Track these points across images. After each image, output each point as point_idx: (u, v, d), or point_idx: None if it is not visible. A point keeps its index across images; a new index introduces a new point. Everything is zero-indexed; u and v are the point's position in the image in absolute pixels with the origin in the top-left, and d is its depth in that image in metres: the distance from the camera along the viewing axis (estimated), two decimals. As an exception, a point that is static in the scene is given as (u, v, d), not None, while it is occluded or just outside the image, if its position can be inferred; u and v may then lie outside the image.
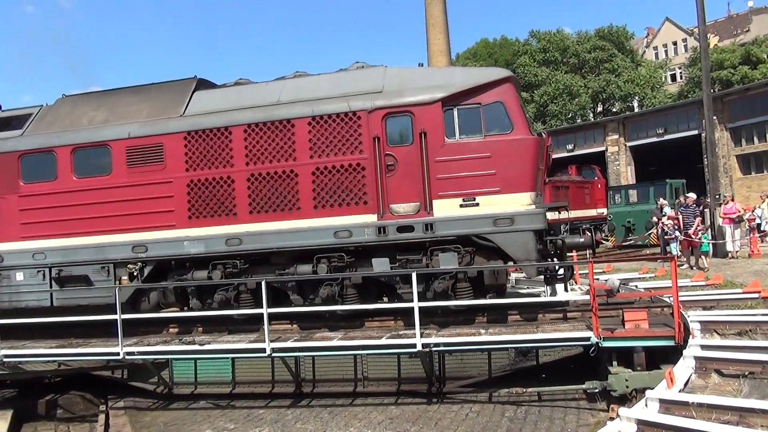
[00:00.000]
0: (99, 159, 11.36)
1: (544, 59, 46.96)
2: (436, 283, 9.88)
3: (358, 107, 10.24)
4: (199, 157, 10.87)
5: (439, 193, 9.96)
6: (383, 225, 10.10)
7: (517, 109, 9.92)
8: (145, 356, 10.55)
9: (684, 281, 12.14)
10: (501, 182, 9.78)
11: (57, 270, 11.56)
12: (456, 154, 9.91)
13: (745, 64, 43.43)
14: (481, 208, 9.83)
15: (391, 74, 10.59)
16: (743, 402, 4.94)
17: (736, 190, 29.71)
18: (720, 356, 6.45)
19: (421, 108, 10.02)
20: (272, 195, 10.57)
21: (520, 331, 9.29)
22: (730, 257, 17.00)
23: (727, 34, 61.42)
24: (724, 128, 30.81)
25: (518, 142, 9.78)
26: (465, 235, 9.88)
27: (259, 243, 10.61)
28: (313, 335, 10.36)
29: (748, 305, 9.24)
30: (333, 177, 10.32)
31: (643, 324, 8.70)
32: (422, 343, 9.15)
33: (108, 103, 12.00)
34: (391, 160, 10.13)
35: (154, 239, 11.05)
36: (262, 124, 10.61)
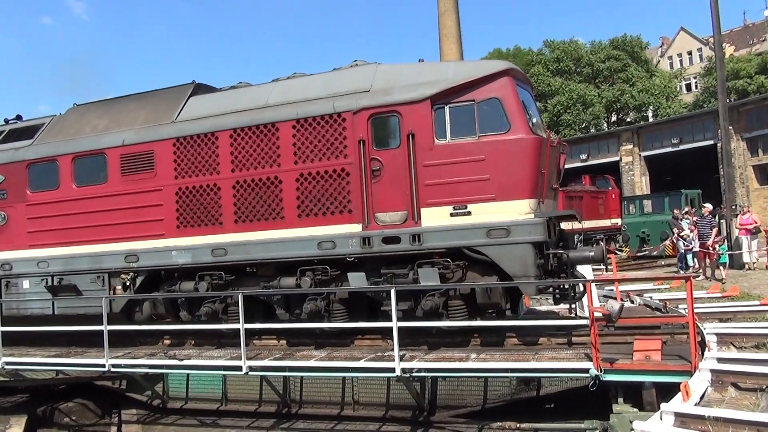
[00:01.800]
0: (96, 167, 11.26)
1: (557, 69, 46.56)
2: (424, 301, 8.91)
3: (342, 108, 9.48)
4: (188, 164, 10.50)
5: (428, 201, 8.99)
6: (368, 236, 9.25)
7: (516, 105, 8.78)
8: (129, 369, 10.23)
9: (700, 293, 11.68)
10: (495, 188, 8.68)
11: (58, 279, 11.57)
12: (446, 157, 8.91)
13: (761, 73, 42.74)
14: (474, 218, 8.77)
15: (381, 72, 9.76)
16: (761, 416, 4.72)
17: (752, 201, 28.83)
18: (737, 369, 6.19)
19: (409, 107, 9.11)
20: (257, 203, 10.01)
21: (513, 358, 8.15)
22: (747, 268, 16.60)
23: (743, 43, 60.43)
24: (740, 138, 30.09)
25: (515, 142, 8.64)
26: (455, 247, 8.86)
27: (244, 254, 10.06)
28: (296, 353, 9.67)
29: (765, 318, 8.80)
30: (317, 184, 9.60)
31: (655, 355, 7.37)
32: (402, 367, 8.23)
33: (111, 111, 11.94)
34: (377, 164, 9.27)
35: (145, 249, 10.79)
36: (248, 129, 10.07)
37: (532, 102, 9.82)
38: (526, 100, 9.35)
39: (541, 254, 8.61)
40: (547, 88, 45.09)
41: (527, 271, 8.50)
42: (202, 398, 11.07)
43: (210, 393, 11.02)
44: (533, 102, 9.88)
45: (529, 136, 8.65)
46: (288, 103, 10.00)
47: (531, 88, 10.02)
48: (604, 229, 27.46)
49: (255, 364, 9.19)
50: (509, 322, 8.61)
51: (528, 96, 9.63)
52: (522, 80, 9.51)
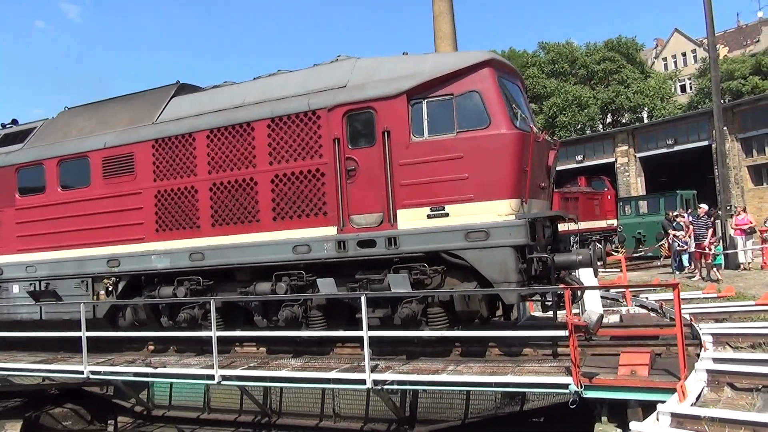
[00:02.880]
0: (80, 171, 11.10)
1: (552, 71, 46.45)
2: (401, 309, 8.38)
3: (317, 105, 9.03)
4: (166, 167, 10.23)
5: (404, 202, 8.46)
6: (343, 239, 8.78)
7: (497, 99, 8.18)
8: (106, 376, 10.01)
9: (696, 293, 11.76)
10: (474, 188, 8.09)
11: (45, 283, 11.46)
12: (423, 155, 8.37)
13: (755, 74, 42.82)
14: (451, 219, 8.20)
15: (360, 66, 9.27)
16: (757, 416, 4.71)
17: (747, 201, 29.07)
18: (733, 369, 6.12)
19: (384, 103, 8.60)
20: (233, 206, 9.65)
21: (491, 370, 7.56)
22: (743, 269, 16.53)
23: (736, 44, 60.70)
24: (734, 139, 30.21)
25: (494, 138, 8.04)
26: (433, 251, 8.31)
27: (221, 258, 9.72)
28: (272, 362, 9.26)
29: (760, 317, 8.74)
30: (292, 185, 9.18)
31: (642, 370, 6.68)
32: (374, 378, 7.73)
33: (97, 114, 11.79)
34: (352, 164, 8.79)
35: (126, 253, 10.57)
36: (224, 129, 9.73)
37: (520, 94, 9.18)
38: (511, 93, 8.73)
39: (523, 258, 7.98)
40: (542, 90, 45.08)
41: (508, 277, 7.89)
42: (185, 406, 10.81)
43: (193, 401, 10.73)
44: (521, 94, 9.24)
45: (510, 131, 8.03)
46: (264, 102, 9.62)
47: (518, 80, 9.37)
48: (599, 230, 27.39)
49: (228, 373, 8.83)
50: (484, 332, 7.98)
51: (515, 88, 9.00)
52: (506, 71, 8.89)
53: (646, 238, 24.83)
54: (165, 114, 10.67)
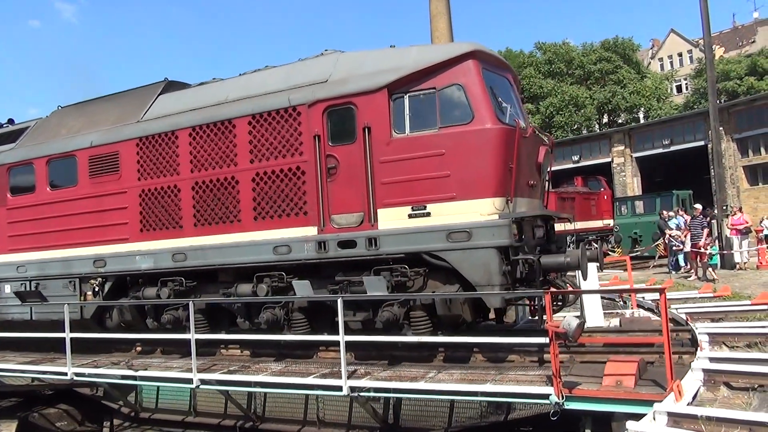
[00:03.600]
0: (68, 170, 10.99)
1: (549, 71, 46.26)
2: (381, 312, 8.04)
3: (298, 101, 8.73)
4: (150, 165, 10.04)
5: (385, 201, 8.11)
6: (323, 239, 8.47)
7: (480, 92, 7.78)
8: (89, 378, 9.86)
9: (692, 293, 11.78)
10: (456, 186, 7.71)
11: (35, 284, 11.38)
12: (405, 152, 8.00)
13: (751, 74, 42.93)
14: (433, 219, 7.83)
15: (343, 60, 8.95)
16: (753, 415, 4.73)
17: (743, 201, 29.03)
18: (729, 369, 6.10)
19: (365, 98, 8.26)
20: (214, 205, 9.41)
21: (470, 378, 7.19)
22: (738, 269, 16.65)
23: (732, 45, 60.80)
24: (730, 139, 30.36)
25: (476, 134, 7.64)
26: (414, 252, 7.94)
27: (202, 259, 9.49)
28: (252, 366, 9.00)
29: (756, 317, 8.77)
30: (273, 184, 8.90)
31: (628, 381, 6.25)
32: (351, 385, 7.42)
33: (87, 112, 11.67)
34: (333, 161, 8.47)
35: (111, 253, 10.41)
36: (206, 126, 9.49)
37: (510, 88, 8.75)
38: (498, 86, 8.32)
39: (507, 260, 7.57)
40: (539, 90, 45.09)
41: (491, 280, 7.49)
42: (172, 409, 10.61)
43: (180, 404, 10.53)
44: (511, 87, 8.80)
45: (493, 126, 7.63)
46: (246, 98, 9.36)
47: (508, 72, 8.93)
48: (596, 230, 27.40)
49: (206, 377, 8.59)
50: (461, 338, 7.56)
51: (503, 81, 8.59)
52: (493, 64, 8.47)
53: (642, 238, 24.74)
54: (150, 112, 10.48)
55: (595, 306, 10.26)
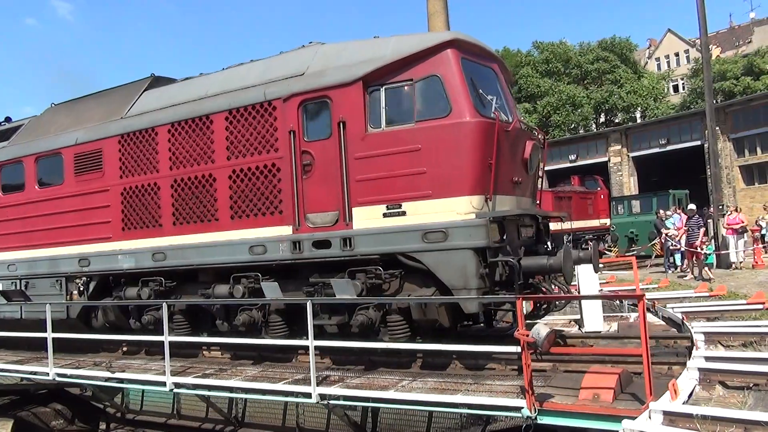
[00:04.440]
0: (55, 168, 10.89)
1: (546, 70, 46.39)
2: (356, 315, 7.66)
3: (273, 95, 8.39)
4: (131, 163, 9.84)
5: (359, 199, 7.72)
6: (298, 239, 8.13)
7: (459, 84, 7.32)
8: (71, 379, 9.71)
9: (688, 292, 11.82)
10: (432, 183, 7.28)
11: (25, 282, 11.33)
12: (380, 148, 7.60)
13: (747, 75, 43.03)
14: (408, 218, 7.42)
15: (322, 52, 8.57)
16: (748, 414, 4.72)
17: (739, 201, 29.28)
18: (724, 368, 6.08)
19: (340, 91, 7.87)
20: (193, 204, 9.15)
21: (443, 387, 6.76)
22: (734, 268, 16.66)
23: (729, 45, 60.73)
24: (726, 139, 30.60)
25: (453, 128, 7.19)
26: (389, 253, 7.54)
27: (181, 258, 9.25)
28: (229, 370, 8.71)
29: (752, 316, 8.73)
30: (249, 182, 8.59)
31: (606, 394, 5.75)
32: (320, 393, 7.07)
33: (76, 110, 11.54)
34: (308, 158, 8.11)
35: (95, 252, 10.26)
36: (184, 122, 9.23)
37: (496, 79, 8.25)
38: (481, 77, 7.85)
39: (485, 262, 7.11)
40: (536, 90, 45.25)
41: (467, 283, 7.05)
42: (156, 412, 10.42)
43: (164, 407, 10.34)
44: (497, 79, 8.30)
45: (472, 119, 7.17)
46: (224, 93, 9.06)
47: (494, 62, 8.41)
48: (592, 229, 27.33)
49: (180, 380, 8.33)
50: (429, 345, 7.06)
51: (487, 72, 8.11)
52: (476, 54, 7.99)
53: (638, 237, 24.58)
54: (134, 108, 10.28)
55: (594, 309, 9.70)
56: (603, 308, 13.03)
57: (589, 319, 9.63)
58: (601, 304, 10.03)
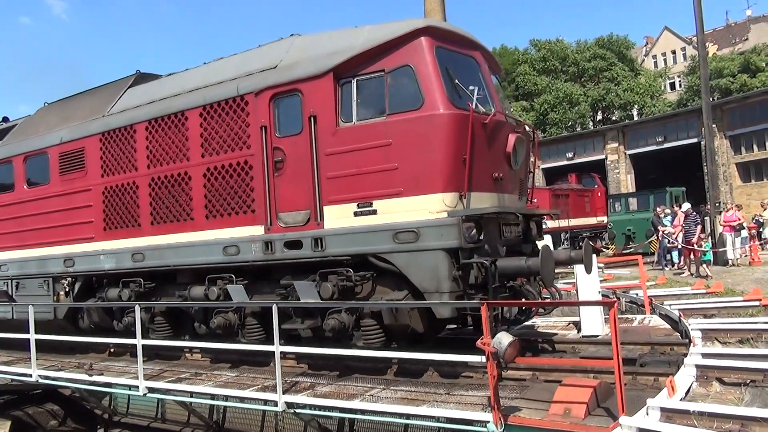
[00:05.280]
0: (41, 167, 10.78)
1: (543, 68, 46.50)
2: (327, 319, 7.29)
3: (246, 89, 8.06)
4: (112, 161, 9.64)
5: (331, 198, 7.34)
6: (270, 240, 7.79)
7: (433, 73, 6.86)
8: (54, 381, 9.59)
9: (684, 289, 11.91)
10: (404, 180, 6.85)
11: (15, 282, 11.28)
12: (351, 143, 7.20)
13: (744, 72, 43.17)
14: (379, 218, 7.00)
15: (297, 44, 8.21)
16: (745, 410, 4.77)
17: (735, 198, 29.11)
18: (721, 364, 6.12)
19: (310, 83, 7.50)
20: (169, 203, 8.90)
21: (413, 397, 6.36)
22: (731, 265, 16.77)
23: (725, 42, 60.96)
24: (723, 136, 30.51)
25: (424, 121, 6.75)
26: (360, 254, 7.14)
27: (159, 259, 9.01)
28: (206, 373, 8.46)
29: (749, 313, 8.82)
30: (222, 180, 8.28)
31: (578, 409, 5.27)
32: (287, 401, 6.74)
33: (65, 109, 11.42)
34: (280, 154, 7.76)
35: (79, 252, 10.12)
36: (161, 119, 8.98)
37: (477, 68, 7.75)
38: (460, 67, 7.37)
39: (458, 263, 6.65)
40: (533, 87, 45.34)
41: (439, 286, 6.61)
42: (142, 415, 10.23)
43: (148, 410, 10.15)
44: (479, 68, 7.79)
45: (445, 111, 6.71)
46: (199, 89, 8.78)
47: (475, 50, 7.87)
48: (590, 227, 27.34)
49: (154, 385, 8.10)
50: (388, 353, 6.70)
51: (467, 61, 7.62)
52: (454, 42, 7.50)
53: (635, 234, 24.51)
54: (116, 106, 10.08)
55: (592, 312, 9.15)
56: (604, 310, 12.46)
57: (587, 322, 9.10)
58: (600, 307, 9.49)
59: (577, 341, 8.18)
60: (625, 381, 6.13)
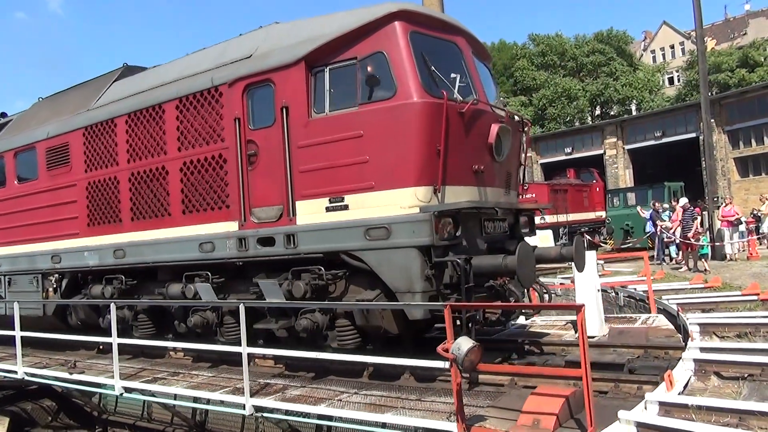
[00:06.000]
0: (30, 163, 10.69)
1: (542, 63, 46.49)
2: (299, 320, 6.98)
3: (220, 80, 7.77)
4: (95, 156, 9.47)
5: (303, 192, 7.01)
6: (243, 236, 7.51)
7: (406, 60, 6.46)
8: (39, 379, 9.50)
9: (683, 284, 12.00)
10: (375, 173, 6.48)
11: (8, 279, 11.24)
12: (322, 135, 6.85)
13: (742, 67, 43.01)
14: (351, 213, 6.65)
15: (274, 32, 7.89)
16: (743, 404, 4.74)
17: (734, 193, 29.11)
18: (719, 358, 6.10)
19: (282, 73, 7.17)
20: (148, 198, 8.68)
21: (379, 403, 6.01)
22: (729, 260, 16.91)
23: (724, 37, 60.24)
24: (722, 131, 30.45)
25: (396, 110, 6.36)
26: (332, 251, 6.80)
27: (139, 256, 8.81)
28: (183, 373, 8.23)
29: (747, 307, 8.88)
30: (198, 174, 8.02)
31: (547, 421, 4.86)
32: (254, 404, 6.47)
33: (55, 103, 11.32)
34: (253, 148, 7.46)
35: (65, 249, 10.00)
36: (139, 113, 8.75)
37: (459, 54, 7.29)
38: (439, 53, 6.94)
39: (430, 262, 6.26)
40: (532, 82, 45.34)
41: (411, 286, 6.24)
42: (129, 413, 10.11)
43: (135, 408, 10.03)
44: (462, 54, 7.34)
45: (418, 100, 6.31)
46: (177, 80, 8.53)
47: (457, 35, 7.40)
48: (588, 221, 27.31)
49: (128, 384, 7.92)
50: (358, 357, 6.27)
51: (447, 47, 7.18)
52: (432, 26, 7.06)
53: (633, 229, 24.20)
54: (101, 100, 9.91)
55: (590, 312, 8.67)
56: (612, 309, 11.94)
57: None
58: (600, 306, 9.00)
59: (566, 343, 7.72)
60: (607, 389, 5.75)
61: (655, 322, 9.15)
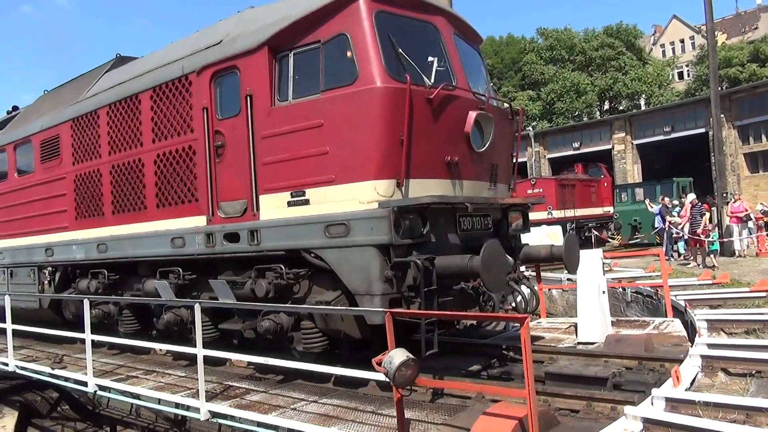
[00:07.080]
0: (27, 155, 10.70)
1: (551, 57, 45.90)
2: (261, 321, 6.58)
3: (189, 68, 7.43)
4: (81, 148, 9.33)
5: (266, 186, 6.59)
6: (211, 231, 7.16)
7: (370, 42, 5.93)
8: (29, 373, 9.47)
9: (691, 280, 11.86)
10: (336, 166, 6.00)
11: (10, 271, 11.32)
12: (285, 124, 6.41)
13: (753, 61, 42.31)
14: (311, 208, 6.20)
15: (246, 16, 7.47)
16: (750, 401, 4.67)
17: (743, 189, 28.59)
18: (727, 355, 5.99)
19: (246, 59, 6.76)
20: (127, 191, 8.46)
21: (333, 414, 5.55)
22: (738, 256, 16.80)
23: (735, 31, 59.76)
24: (731, 126, 29.88)
25: (355, 97, 5.85)
26: (293, 249, 6.37)
27: (119, 250, 8.62)
28: (152, 374, 8.00)
29: (755, 304, 8.75)
30: (170, 167, 7.72)
31: (496, 444, 4.29)
32: (210, 410, 6.14)
33: (56, 96, 11.29)
34: (221, 139, 7.09)
35: (56, 242, 9.94)
36: (119, 103, 8.53)
37: (437, 35, 6.69)
38: (410, 34, 6.41)
39: (390, 261, 5.74)
40: (540, 77, 44.92)
41: (369, 287, 5.74)
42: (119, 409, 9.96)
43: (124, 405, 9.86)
44: (440, 35, 6.72)
45: (380, 85, 5.78)
46: (154, 69, 8.24)
47: (435, 14, 6.77)
48: (596, 217, 26.96)
49: (101, 382, 7.75)
50: (290, 363, 5.81)
51: (421, 27, 6.60)
52: (404, 5, 6.46)
53: (641, 225, 23.78)
54: (90, 91, 9.76)
55: (590, 316, 7.98)
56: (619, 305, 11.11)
57: (584, 327, 7.96)
58: (606, 310, 8.28)
59: (557, 351, 7.06)
60: (578, 408, 5.13)
61: (668, 328, 8.35)
